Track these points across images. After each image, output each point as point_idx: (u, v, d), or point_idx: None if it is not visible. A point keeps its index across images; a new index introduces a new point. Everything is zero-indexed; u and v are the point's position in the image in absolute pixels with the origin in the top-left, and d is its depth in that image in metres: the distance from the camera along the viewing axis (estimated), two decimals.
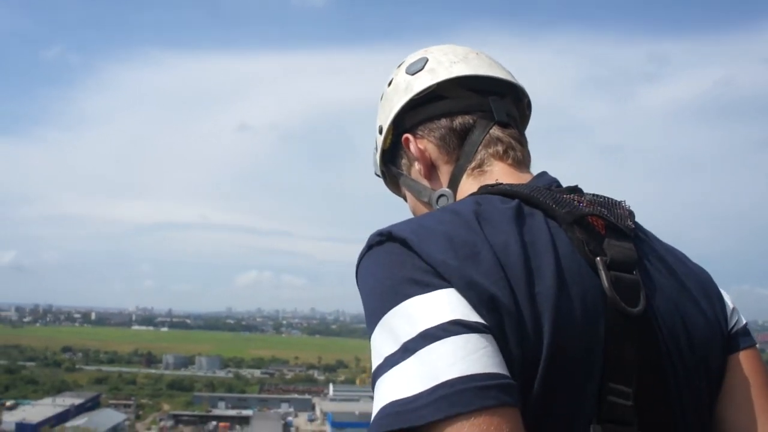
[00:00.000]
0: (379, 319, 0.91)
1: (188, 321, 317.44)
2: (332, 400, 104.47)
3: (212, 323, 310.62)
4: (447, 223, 0.98)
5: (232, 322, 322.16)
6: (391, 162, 1.40)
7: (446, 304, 0.88)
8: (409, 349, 0.86)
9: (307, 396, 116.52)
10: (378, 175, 1.49)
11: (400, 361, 0.85)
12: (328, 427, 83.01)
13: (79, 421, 78.71)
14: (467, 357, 0.83)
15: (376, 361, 0.89)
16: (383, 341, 0.89)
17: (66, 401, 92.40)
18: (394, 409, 0.83)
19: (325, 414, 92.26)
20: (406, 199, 1.41)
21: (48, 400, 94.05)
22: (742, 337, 1.15)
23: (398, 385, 0.84)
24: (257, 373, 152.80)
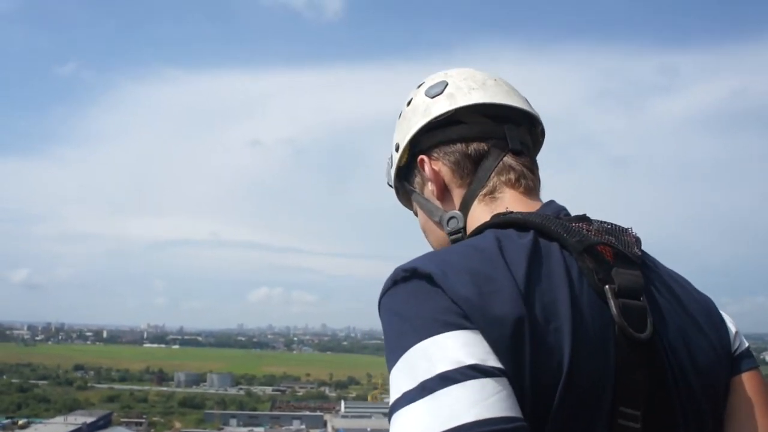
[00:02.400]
0: (401, 355, 0.94)
1: (200, 338, 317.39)
2: (344, 416, 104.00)
3: (223, 340, 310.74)
4: (471, 259, 1.01)
5: (243, 339, 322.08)
6: (404, 178, 1.44)
7: (466, 346, 0.91)
8: (426, 388, 0.88)
9: (318, 413, 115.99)
10: (390, 186, 1.52)
11: (417, 399, 0.88)
12: None
13: None
14: (483, 401, 0.86)
15: (394, 396, 0.92)
16: (402, 377, 0.92)
17: (78, 420, 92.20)
18: None
19: (336, 431, 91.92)
20: (416, 214, 1.45)
21: (60, 419, 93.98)
22: (745, 360, 1.19)
23: (417, 424, 0.87)
24: (269, 390, 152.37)
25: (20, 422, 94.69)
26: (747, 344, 1.22)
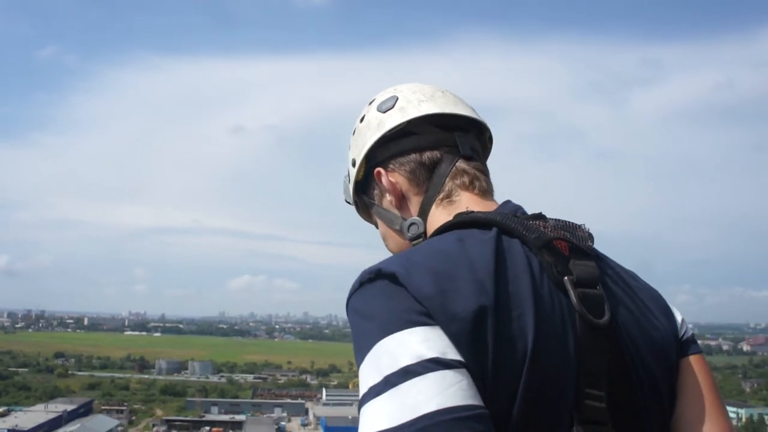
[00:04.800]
0: (367, 352, 1.00)
1: (181, 326, 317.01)
2: (325, 404, 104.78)
3: (205, 328, 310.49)
4: (433, 259, 1.07)
5: (225, 326, 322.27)
6: (363, 192, 1.49)
7: (427, 341, 0.97)
8: (390, 382, 0.94)
9: (300, 400, 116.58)
10: (348, 203, 1.58)
11: (383, 392, 0.94)
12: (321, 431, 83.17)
13: (72, 427, 78.80)
14: (444, 391, 0.92)
15: (362, 390, 0.98)
16: (369, 373, 0.98)
17: (58, 407, 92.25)
18: None
19: (318, 418, 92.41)
20: (376, 226, 1.51)
21: (40, 407, 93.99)
22: (692, 344, 1.27)
23: (382, 416, 0.93)
24: (250, 377, 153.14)
25: (0, 410, 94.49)
26: (692, 331, 1.31)
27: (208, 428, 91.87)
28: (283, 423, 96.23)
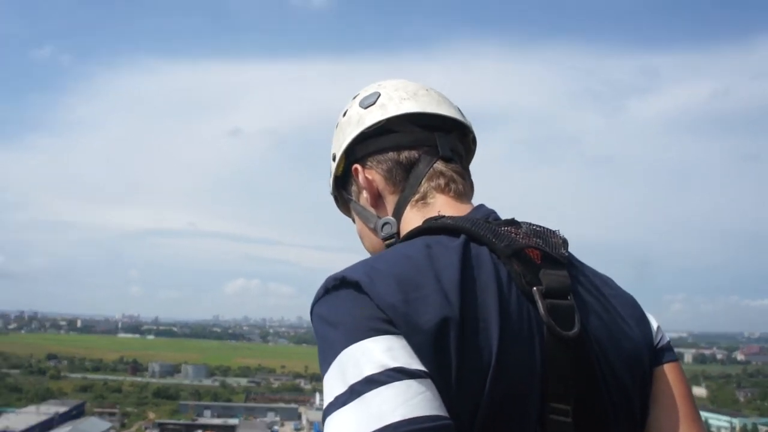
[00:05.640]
0: (332, 360, 0.98)
1: (175, 329, 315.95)
2: (318, 409, 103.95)
3: (199, 331, 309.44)
4: (398, 266, 1.05)
5: (218, 330, 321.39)
6: (342, 187, 1.48)
7: (390, 350, 0.96)
8: (355, 391, 0.93)
9: (293, 405, 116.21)
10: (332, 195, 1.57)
11: (348, 402, 0.93)
12: None
13: (64, 429, 78.19)
14: (409, 401, 0.91)
15: (327, 399, 0.97)
16: (333, 382, 0.97)
17: (50, 409, 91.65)
18: None
19: (311, 423, 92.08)
20: (354, 221, 1.49)
21: (32, 408, 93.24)
22: (667, 352, 1.25)
23: (347, 425, 0.92)
24: (243, 381, 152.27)
25: None
26: (668, 339, 1.29)
27: (200, 431, 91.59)
28: (276, 427, 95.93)
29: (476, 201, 1.34)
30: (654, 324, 1.27)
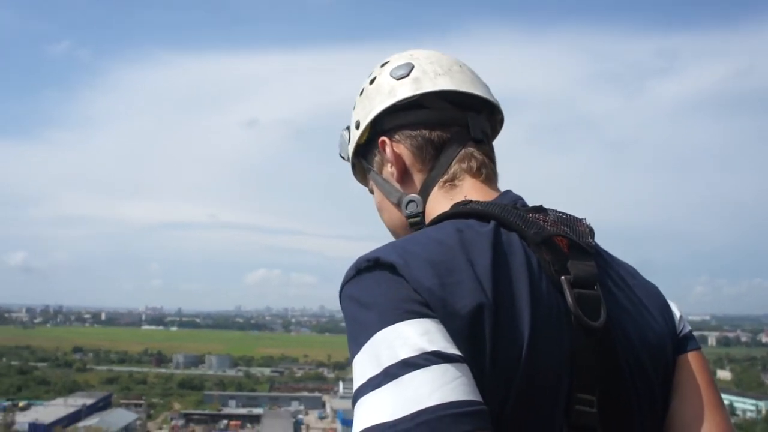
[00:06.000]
0: (364, 343, 0.96)
1: (198, 320, 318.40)
2: (342, 397, 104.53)
3: (221, 322, 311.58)
4: (431, 250, 1.03)
5: (241, 320, 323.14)
6: (362, 156, 1.44)
7: (427, 333, 0.94)
8: (390, 373, 0.92)
9: (317, 394, 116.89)
10: (342, 157, 1.54)
11: (383, 384, 0.91)
12: (338, 425, 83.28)
13: (91, 421, 79.14)
14: (446, 386, 0.90)
15: (358, 381, 0.95)
16: (366, 364, 0.95)
17: (78, 401, 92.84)
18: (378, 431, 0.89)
19: (335, 411, 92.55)
20: (371, 192, 1.46)
21: (60, 401, 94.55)
22: (690, 341, 1.24)
23: (381, 408, 0.90)
24: (267, 371, 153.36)
25: (21, 404, 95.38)
26: (690, 328, 1.28)
27: (225, 422, 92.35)
28: (300, 416, 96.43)
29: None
30: (677, 313, 1.28)
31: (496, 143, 1.42)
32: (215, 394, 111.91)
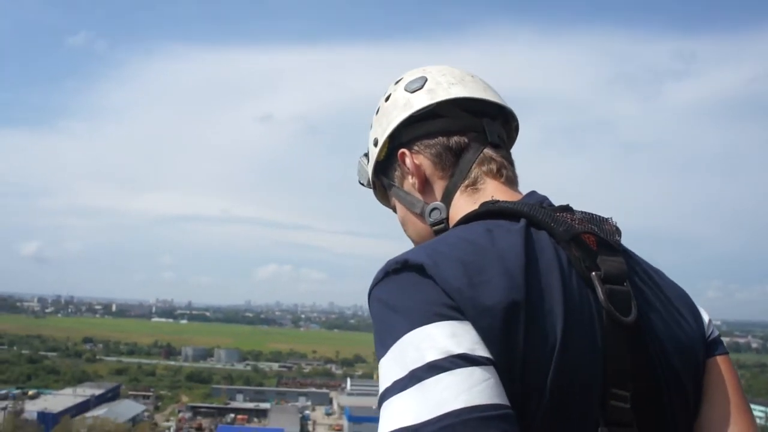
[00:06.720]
0: (391, 345, 0.96)
1: (207, 314, 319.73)
2: (350, 394, 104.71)
3: (231, 316, 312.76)
4: (461, 250, 1.03)
5: (251, 315, 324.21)
6: (383, 173, 1.45)
7: (454, 336, 0.94)
8: (416, 376, 0.91)
9: (324, 390, 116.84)
10: (362, 184, 1.56)
11: (408, 387, 0.91)
12: (345, 421, 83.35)
13: (100, 411, 79.43)
14: (471, 389, 0.89)
15: (384, 384, 0.95)
16: (393, 366, 0.95)
17: (86, 391, 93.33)
18: None
19: (342, 408, 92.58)
20: (394, 210, 1.47)
21: (69, 390, 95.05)
22: (719, 345, 1.25)
23: (406, 411, 0.90)
24: (275, 366, 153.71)
25: (30, 393, 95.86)
26: (718, 332, 1.28)
27: (232, 415, 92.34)
28: (307, 412, 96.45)
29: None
30: (705, 317, 1.28)
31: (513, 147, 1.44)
32: (223, 388, 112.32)
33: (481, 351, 0.94)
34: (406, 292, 1.00)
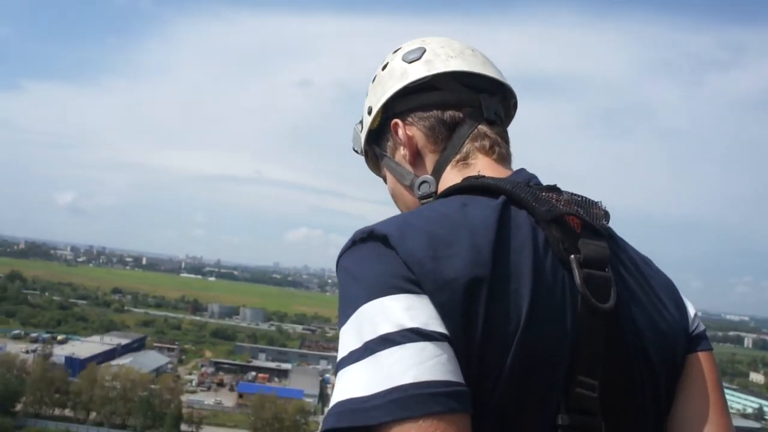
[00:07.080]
0: (351, 314, 0.96)
1: (236, 272, 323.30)
2: None
3: (259, 276, 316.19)
4: (433, 223, 1.02)
5: (278, 276, 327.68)
6: (375, 143, 1.43)
7: (409, 310, 0.93)
8: (369, 348, 0.91)
9: None
10: (356, 151, 1.53)
11: (362, 359, 0.91)
12: None
13: (125, 360, 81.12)
14: (422, 364, 0.88)
15: (341, 354, 0.95)
16: (349, 336, 0.95)
17: (113, 340, 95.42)
18: (350, 406, 0.89)
19: None
20: (385, 180, 1.45)
21: (96, 338, 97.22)
22: (703, 341, 1.22)
23: (356, 383, 0.90)
24: (299, 328, 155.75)
25: (59, 337, 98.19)
26: (704, 327, 1.25)
27: (254, 373, 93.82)
28: (327, 375, 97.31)
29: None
30: (692, 311, 1.25)
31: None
32: (246, 346, 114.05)
33: (436, 326, 0.92)
34: (368, 262, 1.00)
